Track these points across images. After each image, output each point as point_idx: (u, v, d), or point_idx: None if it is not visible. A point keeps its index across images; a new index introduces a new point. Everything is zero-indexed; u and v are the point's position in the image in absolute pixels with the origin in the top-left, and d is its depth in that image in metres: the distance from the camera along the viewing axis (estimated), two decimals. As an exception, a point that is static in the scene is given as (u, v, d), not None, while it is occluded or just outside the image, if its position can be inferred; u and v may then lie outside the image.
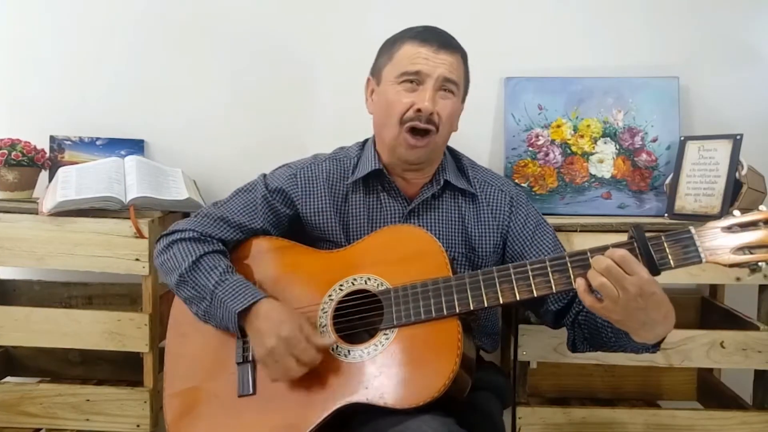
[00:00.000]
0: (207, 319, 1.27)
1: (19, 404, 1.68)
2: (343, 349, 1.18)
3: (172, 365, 1.32)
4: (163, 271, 1.32)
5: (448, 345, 1.12)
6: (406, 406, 1.08)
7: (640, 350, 1.18)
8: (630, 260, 1.03)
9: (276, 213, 1.37)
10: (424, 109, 1.26)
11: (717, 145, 1.66)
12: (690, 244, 1.05)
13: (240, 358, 1.24)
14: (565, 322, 1.31)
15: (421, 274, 1.19)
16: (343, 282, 1.25)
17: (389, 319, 1.17)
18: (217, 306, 1.23)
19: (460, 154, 1.45)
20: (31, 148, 1.79)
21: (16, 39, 1.94)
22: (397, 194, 1.36)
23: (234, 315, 1.20)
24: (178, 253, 1.29)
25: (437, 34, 1.30)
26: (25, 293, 1.95)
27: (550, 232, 1.38)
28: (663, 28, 1.87)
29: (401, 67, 1.28)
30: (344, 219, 1.37)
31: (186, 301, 1.29)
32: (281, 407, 1.17)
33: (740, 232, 1.04)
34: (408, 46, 1.29)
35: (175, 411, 1.27)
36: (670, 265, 1.06)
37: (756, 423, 1.59)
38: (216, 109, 1.94)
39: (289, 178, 1.38)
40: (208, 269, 1.26)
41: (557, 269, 1.11)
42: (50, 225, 1.62)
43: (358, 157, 1.40)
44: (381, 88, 1.33)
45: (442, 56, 1.27)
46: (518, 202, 1.39)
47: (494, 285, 1.14)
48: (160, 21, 1.92)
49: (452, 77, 1.28)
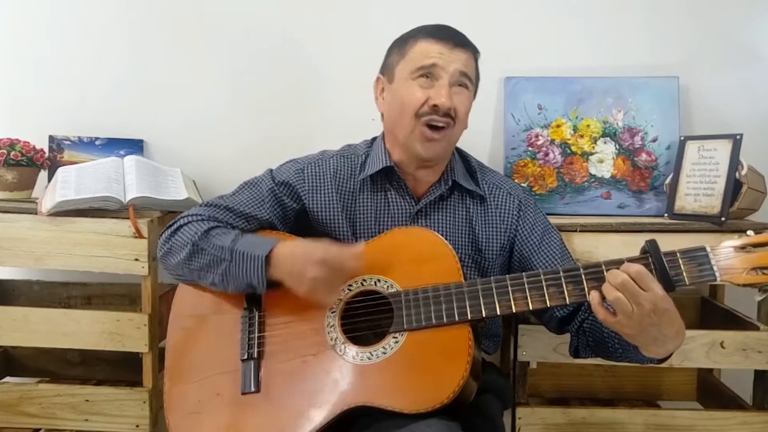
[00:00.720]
0: (226, 282, 1.23)
1: (18, 404, 1.68)
2: (351, 351, 1.17)
3: (173, 360, 1.29)
4: (171, 253, 1.29)
5: (458, 352, 1.11)
6: (414, 412, 1.07)
7: (645, 362, 1.18)
8: (645, 276, 1.03)
9: (282, 206, 1.36)
10: (441, 105, 1.25)
11: (717, 145, 1.66)
12: (705, 262, 1.06)
13: (244, 355, 1.22)
14: (570, 328, 1.31)
15: (433, 278, 1.18)
16: (353, 282, 1.23)
17: (399, 322, 1.16)
18: (239, 260, 1.20)
19: (468, 156, 1.44)
20: (30, 148, 1.78)
21: (15, 38, 1.94)
22: (406, 193, 1.35)
23: (261, 260, 1.18)
24: (186, 231, 1.27)
25: (452, 32, 1.30)
26: (24, 293, 1.95)
27: (557, 238, 1.37)
28: (663, 27, 1.87)
29: (416, 62, 1.27)
30: (351, 215, 1.36)
31: (200, 271, 1.26)
32: (285, 406, 1.16)
33: (753, 252, 1.05)
34: (423, 43, 1.28)
35: (177, 407, 1.24)
36: (685, 282, 1.07)
37: (756, 423, 1.59)
38: (216, 109, 1.94)
39: (296, 173, 1.37)
40: (221, 234, 1.25)
41: (571, 280, 1.11)
42: (49, 225, 1.62)
43: (367, 154, 1.39)
44: (394, 85, 1.32)
45: (457, 53, 1.27)
46: (527, 206, 1.38)
47: (507, 293, 1.14)
48: (159, 20, 1.92)
49: (467, 71, 1.28)
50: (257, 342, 1.23)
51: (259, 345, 1.23)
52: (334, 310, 1.22)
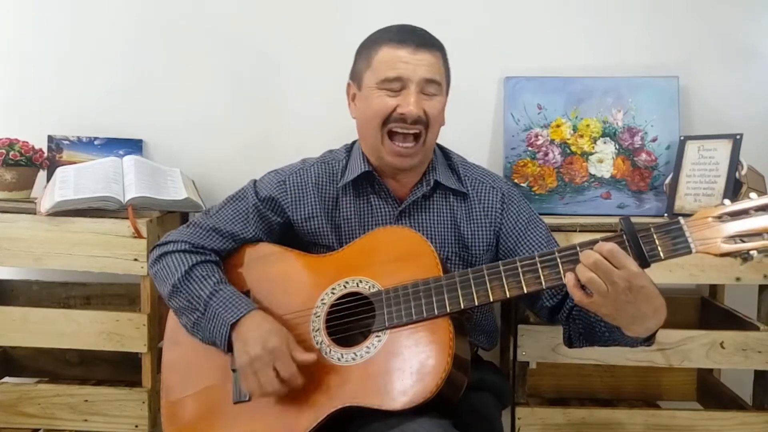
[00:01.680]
0: (195, 331, 1.26)
1: (17, 404, 1.68)
2: (336, 353, 1.18)
3: (168, 374, 1.32)
4: (157, 281, 1.33)
5: (440, 345, 1.11)
6: (400, 407, 1.07)
7: (633, 344, 1.18)
8: (618, 253, 1.02)
9: (267, 222, 1.37)
10: (409, 113, 1.25)
11: (717, 145, 1.65)
12: (679, 235, 1.04)
13: (235, 365, 1.23)
14: (560, 317, 1.31)
15: (413, 275, 1.18)
16: (336, 285, 1.24)
17: (381, 321, 1.17)
18: (210, 317, 1.22)
19: (449, 152, 1.44)
20: (29, 148, 1.78)
21: (14, 38, 1.94)
22: (388, 195, 1.35)
23: (227, 326, 1.19)
24: (171, 263, 1.29)
25: (413, 33, 1.28)
26: (23, 293, 1.95)
27: (542, 226, 1.37)
28: (663, 27, 1.86)
29: (381, 73, 1.26)
30: (335, 223, 1.36)
31: (177, 311, 1.29)
32: (276, 413, 1.17)
33: (731, 221, 1.01)
34: (385, 49, 1.27)
35: (173, 420, 1.28)
36: (660, 257, 1.04)
37: (756, 424, 1.59)
38: (215, 109, 1.93)
39: (278, 185, 1.37)
40: (201, 278, 1.26)
41: (547, 265, 1.10)
42: (48, 225, 1.62)
43: (347, 159, 1.39)
44: (362, 93, 1.31)
45: (421, 56, 1.25)
46: (510, 198, 1.38)
47: (484, 283, 1.14)
48: (158, 20, 1.92)
49: (434, 77, 1.27)
50: None
51: None
52: (318, 314, 1.23)
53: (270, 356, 1.15)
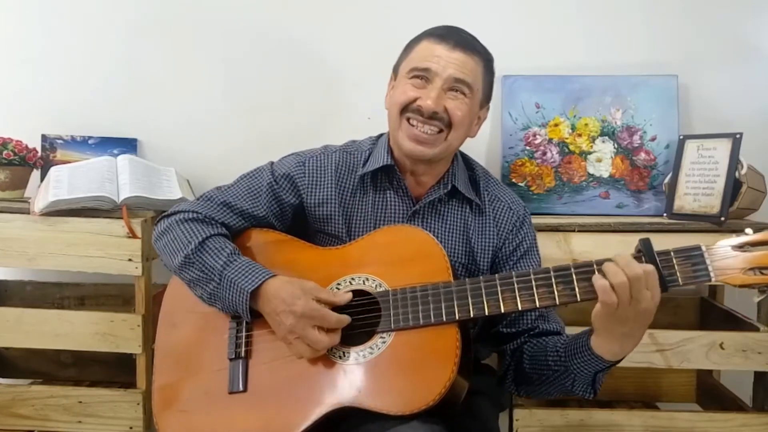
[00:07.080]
0: (213, 301, 1.23)
1: (10, 406, 1.67)
2: (338, 351, 1.16)
3: (162, 356, 1.29)
4: (166, 252, 1.28)
5: (445, 353, 1.10)
6: (399, 413, 1.06)
7: (575, 389, 1.17)
8: (654, 278, 1.02)
9: (280, 203, 1.35)
10: (425, 107, 1.24)
11: (716, 144, 1.64)
12: (700, 262, 1.04)
13: (232, 354, 1.21)
14: (507, 348, 1.29)
15: (421, 278, 1.17)
16: (341, 281, 1.22)
17: (387, 322, 1.15)
18: (226, 287, 1.20)
19: (474, 164, 1.42)
20: (23, 147, 1.77)
21: (7, 37, 1.93)
22: (404, 193, 1.34)
23: (246, 294, 1.17)
24: (182, 233, 1.26)
25: (457, 33, 1.29)
26: (16, 294, 1.94)
27: (536, 259, 1.37)
28: (661, 25, 1.86)
29: (414, 62, 1.27)
30: (348, 213, 1.35)
31: (190, 282, 1.26)
32: (271, 406, 1.15)
33: (752, 251, 1.02)
34: (426, 42, 1.28)
35: (164, 403, 1.24)
36: (678, 283, 1.05)
37: (756, 425, 1.58)
38: (210, 108, 1.92)
39: (298, 165, 1.36)
40: (215, 250, 1.23)
41: (561, 280, 1.09)
42: (42, 225, 1.61)
43: (370, 151, 1.38)
44: (396, 81, 1.32)
45: (456, 55, 1.25)
46: (522, 223, 1.37)
47: (496, 293, 1.12)
48: (153, 19, 1.91)
49: (464, 78, 1.25)
50: (245, 341, 1.22)
51: (246, 344, 1.22)
52: None
53: (303, 321, 1.13)
